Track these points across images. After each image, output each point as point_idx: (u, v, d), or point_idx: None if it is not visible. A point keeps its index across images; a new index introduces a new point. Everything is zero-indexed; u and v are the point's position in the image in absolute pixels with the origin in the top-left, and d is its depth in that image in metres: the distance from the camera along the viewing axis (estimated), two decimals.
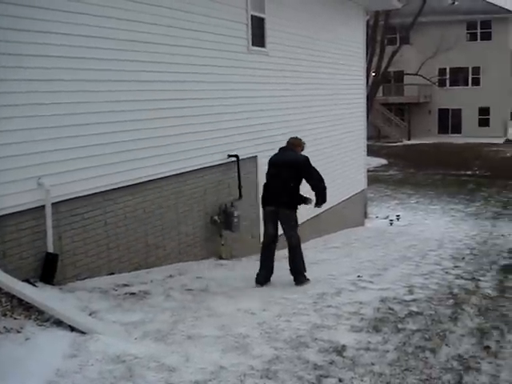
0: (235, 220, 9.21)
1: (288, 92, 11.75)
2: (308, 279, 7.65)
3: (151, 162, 7.70)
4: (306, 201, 7.71)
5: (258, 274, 7.63)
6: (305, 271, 7.69)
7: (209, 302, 6.29)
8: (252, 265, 9.13)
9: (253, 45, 10.34)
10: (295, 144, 8.03)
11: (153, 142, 7.72)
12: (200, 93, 8.78)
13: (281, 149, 8.06)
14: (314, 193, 7.79)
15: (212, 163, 9.11)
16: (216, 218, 9.11)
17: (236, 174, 9.66)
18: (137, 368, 4.34)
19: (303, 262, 7.70)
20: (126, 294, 6.27)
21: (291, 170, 7.58)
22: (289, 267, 7.75)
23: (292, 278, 7.71)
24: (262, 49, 10.73)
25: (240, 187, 9.71)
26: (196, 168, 8.69)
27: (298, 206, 7.76)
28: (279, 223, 7.79)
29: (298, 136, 8.29)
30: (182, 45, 8.29)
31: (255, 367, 4.57)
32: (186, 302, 6.20)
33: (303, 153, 8.07)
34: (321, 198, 7.78)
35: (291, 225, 7.71)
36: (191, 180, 8.63)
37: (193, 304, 6.14)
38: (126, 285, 6.63)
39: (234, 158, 9.55)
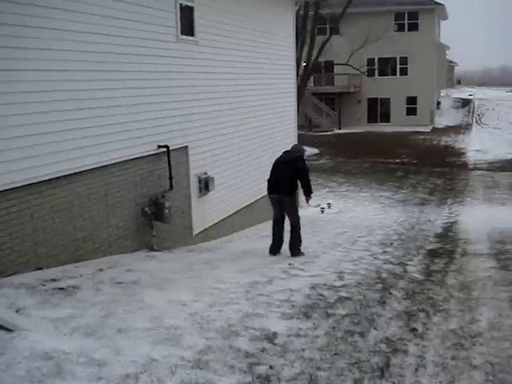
0: (166, 211, 9.14)
1: (218, 82, 11.73)
2: (302, 253, 9.29)
3: (77, 153, 7.53)
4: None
5: (270, 246, 9.36)
6: (300, 246, 9.32)
7: (140, 294, 6.21)
8: (184, 256, 9.12)
9: (182, 34, 10.26)
10: (296, 150, 9.79)
11: (79, 133, 7.55)
12: (128, 82, 8.64)
13: (284, 152, 9.85)
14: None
15: (142, 154, 8.99)
16: (147, 209, 9.01)
17: (167, 165, 9.57)
18: (66, 364, 4.25)
19: (300, 238, 9.35)
20: (54, 289, 6.12)
21: (289, 166, 9.26)
22: (288, 241, 9.35)
23: (289, 249, 9.34)
24: (192, 38, 10.65)
25: (171, 178, 9.63)
26: (125, 159, 8.56)
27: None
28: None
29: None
30: (108, 34, 8.12)
31: (186, 358, 4.56)
32: (116, 296, 6.11)
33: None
34: (306, 190, 9.31)
35: (291, 209, 9.39)
36: (120, 171, 8.49)
37: (123, 297, 6.06)
38: (54, 280, 6.47)
39: (164, 149, 9.46)
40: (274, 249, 9.35)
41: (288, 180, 9.22)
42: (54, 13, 7.06)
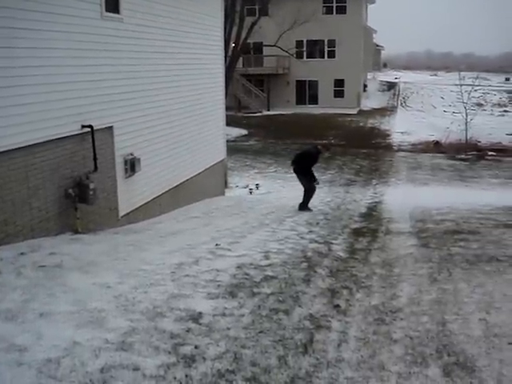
0: (91, 193, 8.95)
1: (145, 61, 11.51)
2: (310, 209, 13.27)
3: None
4: (315, 179, 13.48)
5: (299, 204, 13.35)
6: (307, 205, 13.33)
7: (63, 277, 6.09)
8: (110, 238, 8.97)
9: (107, 11, 9.98)
10: (315, 146, 13.87)
11: None
12: (50, 60, 8.33)
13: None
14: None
15: (65, 134, 8.72)
16: (70, 191, 8.79)
17: (91, 145, 9.35)
18: None
19: (307, 200, 13.33)
20: None
21: (306, 156, 13.50)
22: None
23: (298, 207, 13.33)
24: (117, 15, 10.38)
25: (95, 159, 9.42)
26: (47, 139, 8.29)
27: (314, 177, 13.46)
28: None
29: None
30: (28, 9, 7.80)
31: (110, 340, 4.53)
32: (38, 279, 5.96)
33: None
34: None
35: (303, 181, 13.40)
36: (42, 152, 8.23)
37: (46, 281, 5.92)
38: None
39: (88, 129, 9.23)
40: (299, 206, 13.40)
41: (302, 163, 13.32)
42: None
